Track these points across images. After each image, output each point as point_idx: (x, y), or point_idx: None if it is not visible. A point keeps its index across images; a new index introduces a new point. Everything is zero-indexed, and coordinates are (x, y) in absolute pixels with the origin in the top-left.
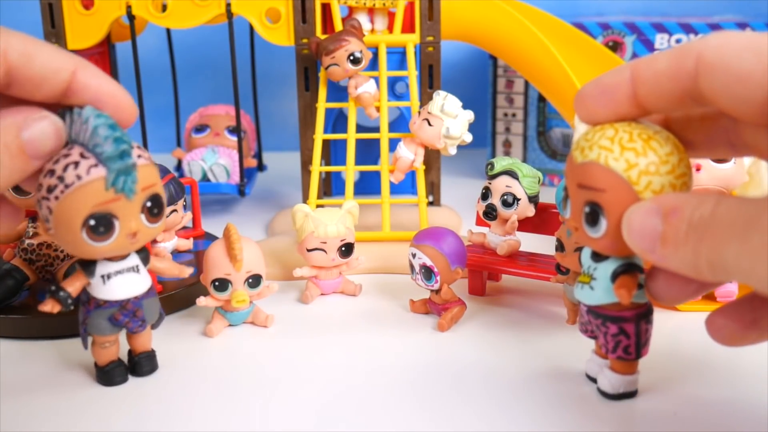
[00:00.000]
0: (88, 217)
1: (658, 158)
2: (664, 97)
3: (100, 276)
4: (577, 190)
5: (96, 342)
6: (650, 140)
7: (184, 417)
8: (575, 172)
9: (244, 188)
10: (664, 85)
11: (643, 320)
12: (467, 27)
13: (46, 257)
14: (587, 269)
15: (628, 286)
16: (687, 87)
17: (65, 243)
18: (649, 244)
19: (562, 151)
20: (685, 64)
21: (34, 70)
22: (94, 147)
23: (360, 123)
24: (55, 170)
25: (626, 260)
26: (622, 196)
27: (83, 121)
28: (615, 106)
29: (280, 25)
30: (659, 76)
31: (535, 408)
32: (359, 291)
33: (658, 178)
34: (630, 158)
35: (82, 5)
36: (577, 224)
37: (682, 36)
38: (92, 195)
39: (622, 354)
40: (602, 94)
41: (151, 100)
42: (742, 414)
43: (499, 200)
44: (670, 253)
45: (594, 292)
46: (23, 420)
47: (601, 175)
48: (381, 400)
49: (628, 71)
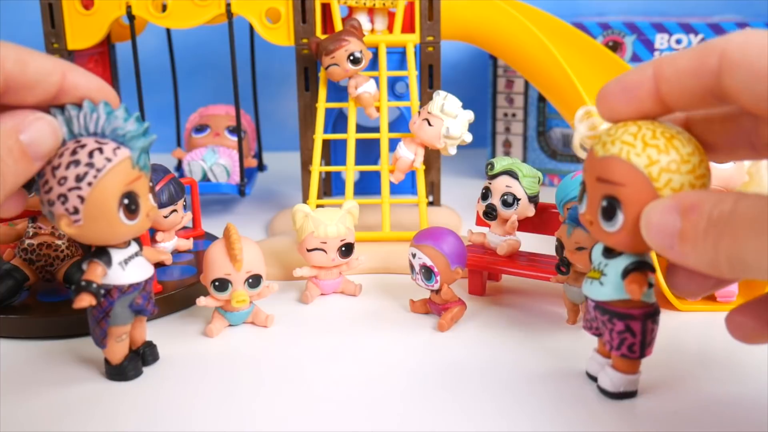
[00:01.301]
0: (122, 196)
1: (679, 157)
2: (687, 95)
3: (118, 263)
4: (595, 184)
5: (112, 336)
6: (673, 139)
7: (184, 417)
8: (595, 165)
9: (244, 188)
10: (686, 83)
11: (649, 320)
12: (467, 27)
13: (46, 257)
14: (598, 265)
15: (640, 282)
16: (710, 84)
17: (99, 228)
18: (667, 240)
19: (562, 151)
20: (708, 62)
21: (28, 75)
22: (113, 131)
23: (360, 123)
24: (79, 160)
25: (638, 257)
26: (641, 191)
27: (90, 113)
28: (638, 103)
29: (280, 25)
30: (682, 73)
31: (535, 408)
32: (359, 291)
33: (678, 176)
34: (652, 155)
35: (82, 5)
36: (592, 218)
37: (682, 36)
38: (123, 174)
39: (626, 352)
40: (625, 91)
41: (151, 100)
42: (743, 413)
43: (499, 200)
44: (688, 250)
45: (603, 288)
46: (23, 420)
47: (622, 169)
48: (381, 399)
49: (650, 69)
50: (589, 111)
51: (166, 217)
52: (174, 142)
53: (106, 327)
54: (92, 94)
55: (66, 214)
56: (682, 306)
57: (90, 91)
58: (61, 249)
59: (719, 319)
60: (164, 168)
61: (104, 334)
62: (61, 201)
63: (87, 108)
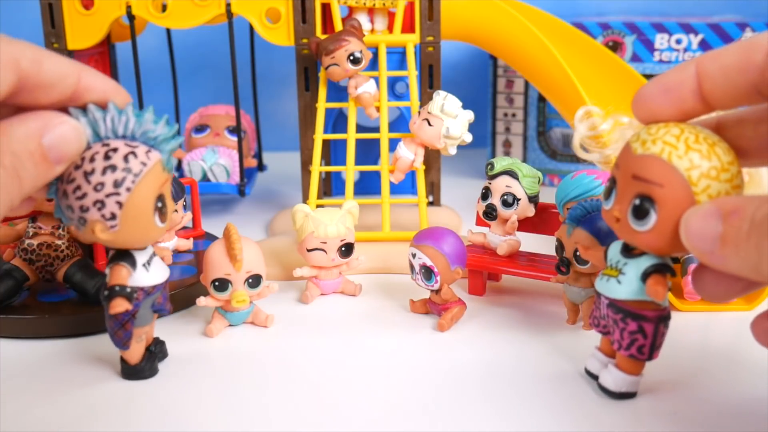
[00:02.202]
0: (156, 200)
1: (720, 164)
2: (731, 92)
3: (142, 265)
4: (630, 181)
5: (135, 337)
6: (715, 146)
7: (185, 417)
8: (632, 162)
9: (244, 188)
10: (732, 79)
11: (662, 323)
12: (467, 27)
13: (46, 257)
14: (615, 263)
15: (663, 284)
16: (755, 80)
17: (135, 232)
18: (709, 245)
19: (562, 151)
20: (754, 57)
21: (43, 76)
22: (144, 134)
23: (360, 123)
24: (115, 165)
25: (660, 259)
26: (678, 194)
27: (117, 115)
28: (680, 103)
29: (280, 25)
30: (727, 69)
31: (535, 408)
32: (359, 291)
33: (717, 183)
34: (694, 159)
35: (82, 5)
36: (621, 215)
37: (682, 36)
38: (156, 178)
39: (635, 353)
40: (666, 92)
41: (151, 100)
42: (742, 414)
43: (499, 200)
44: (729, 254)
45: (621, 287)
46: (23, 420)
47: (662, 169)
48: (381, 400)
49: (693, 67)
50: (589, 111)
51: None
52: None
53: (131, 329)
54: (109, 94)
55: (102, 220)
56: (682, 306)
57: (107, 92)
58: (61, 249)
59: (719, 319)
60: None
61: (129, 336)
62: (97, 207)
63: (113, 110)
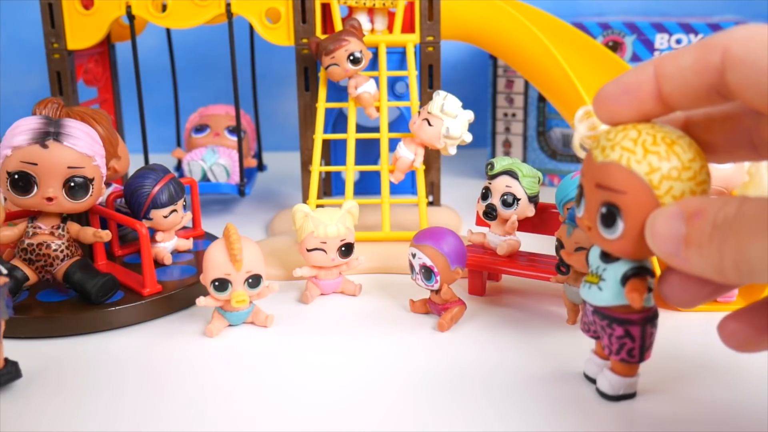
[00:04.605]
0: None
1: (680, 163)
2: (690, 93)
3: None
4: (594, 190)
5: None
6: (674, 145)
7: (185, 417)
8: (594, 171)
9: (244, 188)
10: (689, 81)
11: (649, 324)
12: (467, 27)
13: (46, 257)
14: (596, 269)
15: (640, 290)
16: (713, 81)
17: None
18: (673, 247)
19: (562, 151)
20: (711, 59)
21: None
22: None
23: (360, 123)
24: None
25: (637, 263)
26: (641, 199)
27: None
28: (639, 104)
29: (280, 25)
30: (684, 70)
31: (534, 408)
32: (359, 291)
33: (680, 183)
34: (653, 162)
35: (82, 5)
36: (591, 224)
37: (682, 36)
38: None
39: (625, 356)
40: (625, 93)
41: (151, 100)
42: (742, 414)
43: (499, 200)
44: (693, 255)
45: (602, 293)
46: (23, 420)
47: (622, 177)
48: (381, 400)
49: (651, 68)
50: (588, 111)
51: (166, 217)
52: (174, 142)
53: None
54: None
55: None
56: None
57: None
58: (61, 249)
59: (719, 320)
60: (164, 168)
61: None
62: None
63: None
